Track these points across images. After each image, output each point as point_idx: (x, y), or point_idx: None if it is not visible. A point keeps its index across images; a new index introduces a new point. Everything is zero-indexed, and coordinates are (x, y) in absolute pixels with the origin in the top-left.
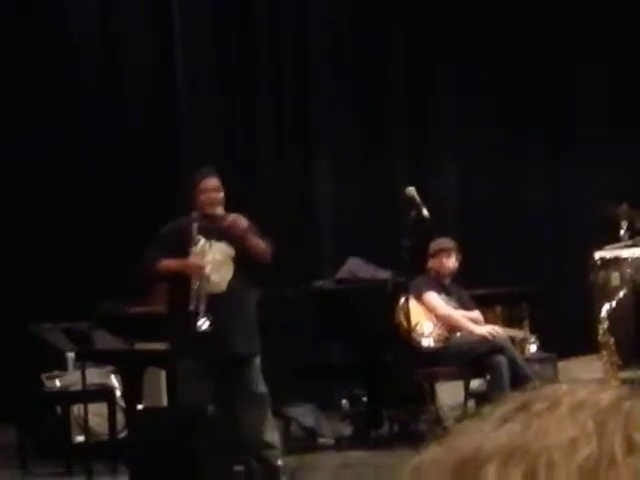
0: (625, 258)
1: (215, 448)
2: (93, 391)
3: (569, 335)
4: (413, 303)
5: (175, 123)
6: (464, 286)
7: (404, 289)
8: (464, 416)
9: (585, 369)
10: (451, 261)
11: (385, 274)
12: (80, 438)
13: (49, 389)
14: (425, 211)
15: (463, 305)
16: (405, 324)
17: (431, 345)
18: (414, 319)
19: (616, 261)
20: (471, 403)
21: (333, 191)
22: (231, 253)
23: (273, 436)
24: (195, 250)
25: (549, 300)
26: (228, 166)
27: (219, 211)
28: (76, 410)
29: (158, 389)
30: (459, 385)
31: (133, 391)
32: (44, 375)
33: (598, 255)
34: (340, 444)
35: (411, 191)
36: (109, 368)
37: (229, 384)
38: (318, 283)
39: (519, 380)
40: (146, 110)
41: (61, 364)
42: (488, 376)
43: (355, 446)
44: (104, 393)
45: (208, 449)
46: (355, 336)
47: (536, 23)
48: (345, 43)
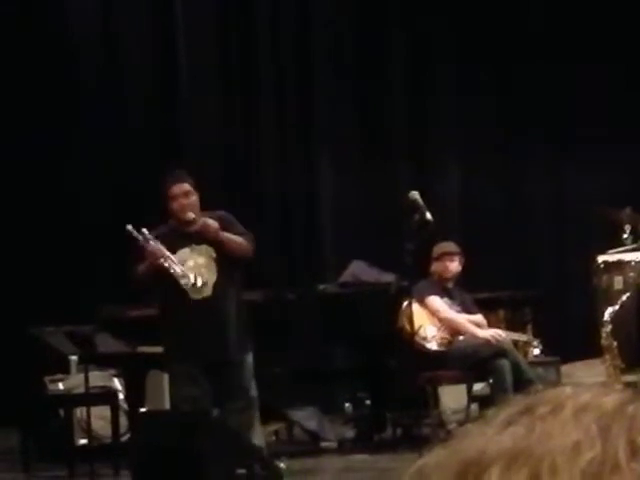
0: (628, 262)
1: (218, 451)
2: (96, 394)
3: (572, 339)
4: (416, 307)
5: (175, 123)
6: (467, 290)
7: (407, 293)
8: (467, 420)
9: (588, 373)
10: (454, 265)
11: (388, 277)
12: (83, 441)
13: (52, 392)
14: (428, 215)
15: (466, 309)
16: (408, 328)
17: (434, 349)
18: (417, 323)
19: (619, 265)
20: (474, 407)
21: (336, 194)
22: (212, 254)
23: (260, 439)
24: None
25: (552, 304)
26: (229, 166)
27: (190, 216)
28: (79, 413)
29: (161, 392)
30: (462, 389)
31: (136, 394)
32: (47, 378)
33: (601, 259)
34: (343, 447)
35: (414, 195)
36: (112, 371)
37: (219, 386)
38: (321, 286)
39: (522, 384)
40: (146, 110)
41: (64, 367)
42: (491, 380)
43: (358, 449)
44: (107, 396)
45: (211, 452)
46: (358, 339)
47: (536, 23)
48: (345, 43)
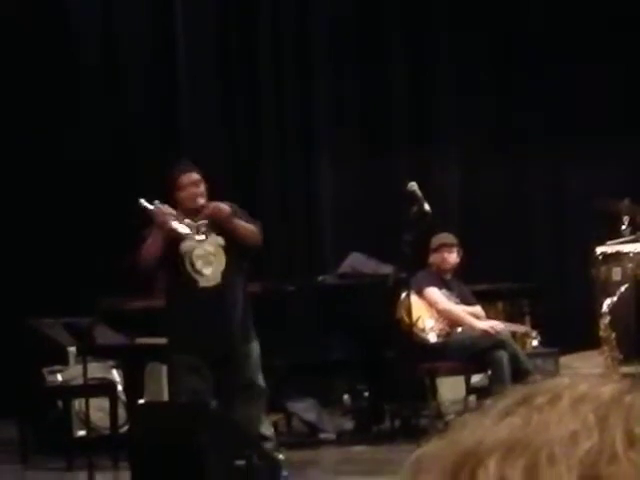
0: (626, 253)
1: (217, 442)
2: (94, 386)
3: (570, 330)
4: (414, 298)
5: (176, 123)
6: (465, 281)
7: (405, 284)
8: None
9: (586, 364)
10: (452, 256)
11: (386, 269)
12: (81, 433)
13: (50, 384)
14: (426, 206)
15: (464, 300)
16: (406, 319)
17: (432, 340)
18: (415, 314)
19: (617, 256)
20: (472, 398)
21: (334, 186)
22: (221, 243)
23: (268, 429)
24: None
25: (550, 295)
26: (229, 166)
27: (200, 201)
28: (77, 405)
29: (159, 383)
30: (460, 380)
31: (134, 385)
32: (45, 370)
33: (600, 250)
34: (341, 439)
35: (413, 186)
36: (110, 363)
37: (227, 377)
38: (320, 278)
39: (520, 375)
40: (146, 110)
41: (62, 359)
42: (489, 371)
43: (356, 441)
44: (105, 388)
45: (210, 443)
46: (357, 331)
47: (536, 23)
48: (345, 43)
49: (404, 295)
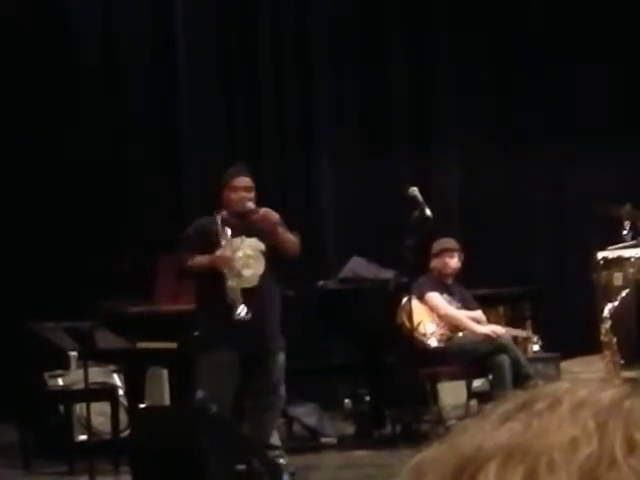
0: (628, 258)
1: (218, 447)
2: (96, 390)
3: (572, 335)
4: (415, 303)
5: (176, 123)
6: (466, 286)
7: (407, 289)
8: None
9: (587, 369)
10: (454, 261)
11: (388, 274)
12: (83, 437)
13: (52, 388)
14: (428, 211)
15: (465, 305)
16: (408, 324)
17: (434, 345)
18: (417, 319)
19: (619, 261)
20: (473, 403)
21: (334, 187)
22: (262, 248)
23: (276, 439)
24: (226, 245)
25: (552, 300)
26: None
27: (250, 205)
28: (78, 409)
29: (160, 388)
30: (462, 385)
31: (135, 390)
32: (46, 374)
33: (601, 255)
34: (342, 444)
35: (414, 191)
36: (112, 367)
37: (254, 378)
38: (321, 282)
39: (522, 380)
40: (146, 110)
41: (63, 363)
42: (491, 376)
43: (357, 446)
44: (107, 392)
45: (211, 448)
46: (358, 336)
47: (536, 23)
48: (345, 43)
49: (405, 300)
